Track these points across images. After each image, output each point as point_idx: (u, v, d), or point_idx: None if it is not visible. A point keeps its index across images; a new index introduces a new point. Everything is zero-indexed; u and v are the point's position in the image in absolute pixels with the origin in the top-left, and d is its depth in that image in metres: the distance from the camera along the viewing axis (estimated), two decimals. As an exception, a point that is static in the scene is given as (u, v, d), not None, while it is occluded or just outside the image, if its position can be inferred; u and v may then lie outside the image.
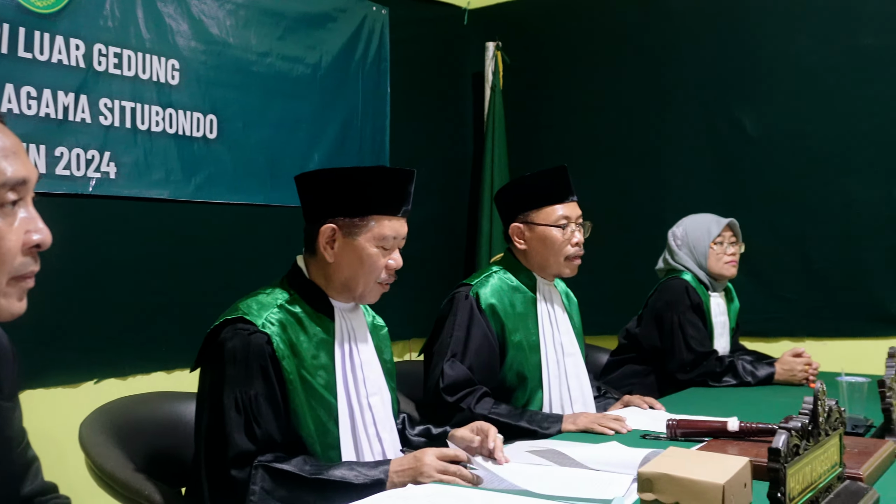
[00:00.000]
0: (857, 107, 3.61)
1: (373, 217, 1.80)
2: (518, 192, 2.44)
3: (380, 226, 1.80)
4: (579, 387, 2.44)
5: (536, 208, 2.40)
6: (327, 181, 1.82)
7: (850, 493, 1.46)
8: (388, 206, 1.82)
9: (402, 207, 1.84)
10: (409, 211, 1.87)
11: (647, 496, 1.36)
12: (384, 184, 1.82)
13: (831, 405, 1.44)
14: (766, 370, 2.91)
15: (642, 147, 4.12)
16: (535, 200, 2.40)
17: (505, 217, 2.48)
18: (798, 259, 3.74)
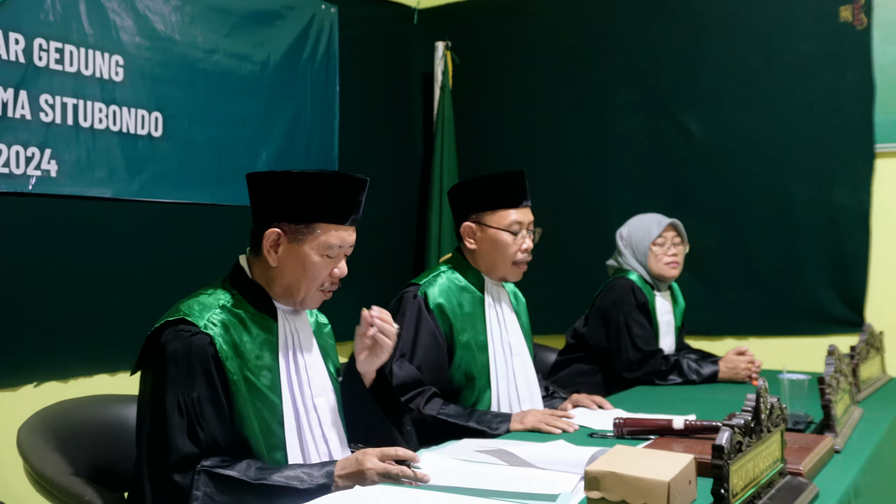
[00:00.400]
0: (796, 111, 3.69)
1: (319, 225, 1.77)
2: (474, 191, 2.44)
3: (326, 234, 1.78)
4: (527, 386, 2.45)
5: (491, 210, 2.40)
6: (276, 184, 1.78)
7: (791, 488, 1.49)
8: (336, 215, 1.79)
9: (351, 216, 1.81)
10: (358, 220, 1.84)
11: (594, 494, 1.37)
12: (334, 191, 1.78)
13: (773, 402, 1.47)
14: (710, 368, 2.96)
15: (590, 148, 4.15)
16: (490, 202, 2.40)
17: (458, 214, 2.48)
18: (741, 259, 3.81)
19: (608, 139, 4.11)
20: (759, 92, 3.77)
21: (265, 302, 1.81)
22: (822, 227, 3.65)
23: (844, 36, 3.59)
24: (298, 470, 1.65)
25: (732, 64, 3.83)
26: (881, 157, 3.56)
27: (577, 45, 4.21)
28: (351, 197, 1.81)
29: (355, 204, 1.82)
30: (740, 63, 3.82)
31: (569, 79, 4.22)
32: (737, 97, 3.82)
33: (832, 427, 1.93)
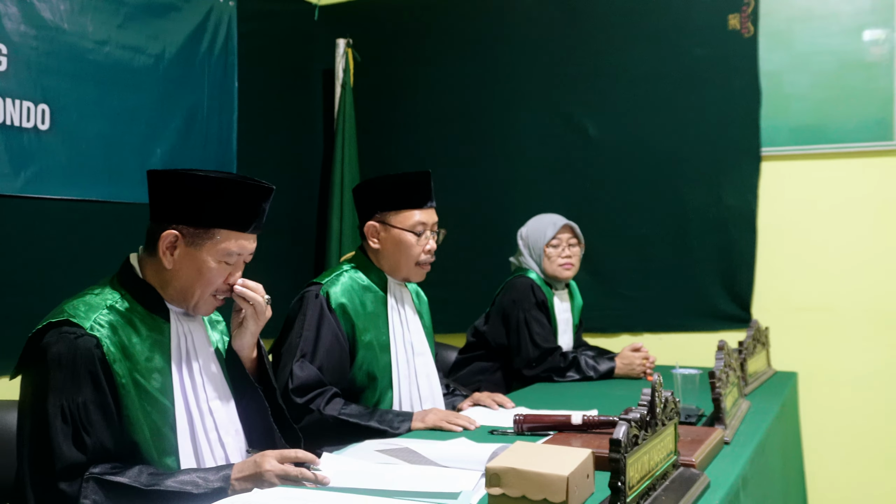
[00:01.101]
0: (688, 114, 3.82)
1: (219, 231, 1.72)
2: (379, 190, 2.42)
3: (226, 241, 1.73)
4: (429, 386, 2.45)
5: (395, 210, 2.39)
6: (179, 184, 1.71)
7: (684, 479, 1.53)
8: (238, 222, 1.73)
9: (253, 224, 1.76)
10: (260, 228, 1.79)
11: (495, 490, 1.38)
12: (237, 197, 1.73)
13: (667, 396, 1.51)
14: (607, 365, 3.03)
15: (490, 147, 4.19)
16: (395, 202, 2.39)
17: (362, 213, 2.46)
18: (636, 258, 3.91)
19: (509, 140, 4.16)
20: (653, 95, 3.88)
21: (157, 303, 1.75)
22: (712, 228, 3.78)
23: (733, 43, 3.74)
24: (193, 474, 1.60)
25: (628, 67, 3.93)
26: (766, 160, 3.72)
27: (477, 46, 4.24)
28: (254, 205, 1.76)
29: (259, 212, 1.77)
30: (635, 67, 3.92)
31: (470, 79, 4.25)
32: (632, 100, 3.92)
33: (722, 419, 2.00)
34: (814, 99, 3.64)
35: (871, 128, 3.56)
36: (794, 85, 3.67)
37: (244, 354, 1.87)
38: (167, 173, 1.74)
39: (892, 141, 3.53)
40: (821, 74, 3.63)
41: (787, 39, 3.68)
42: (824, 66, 3.62)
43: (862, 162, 3.60)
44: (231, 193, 1.72)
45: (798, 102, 3.66)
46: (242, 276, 1.81)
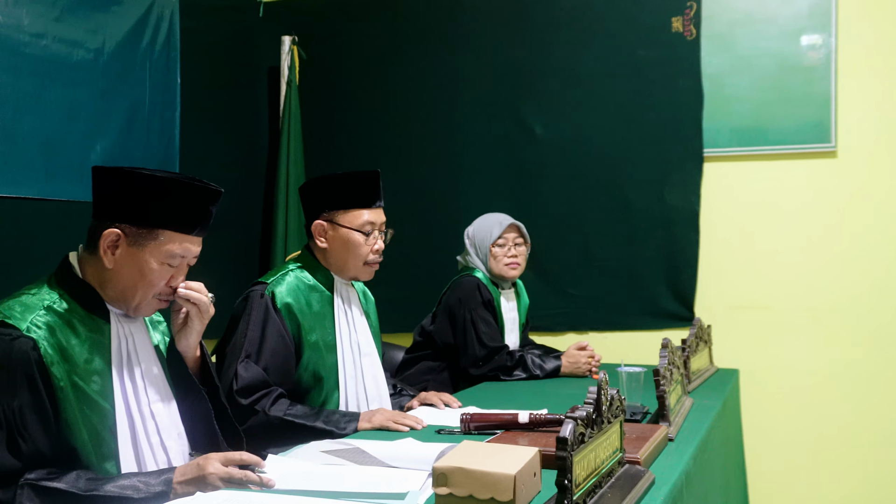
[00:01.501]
0: (633, 115, 3.86)
1: (163, 232, 1.68)
2: (327, 189, 2.40)
3: (170, 242, 1.69)
4: (376, 386, 2.44)
5: (343, 209, 2.37)
6: (123, 182, 1.67)
7: (630, 476, 1.54)
8: (184, 224, 1.70)
9: (199, 227, 1.72)
10: (206, 231, 1.75)
11: (442, 490, 1.38)
12: (184, 199, 1.69)
13: (613, 394, 1.52)
14: (553, 363, 3.05)
15: (438, 146, 4.19)
16: (344, 201, 2.37)
17: (309, 212, 2.43)
18: (582, 257, 3.95)
19: (457, 139, 4.16)
20: (599, 95, 3.92)
21: (96, 303, 1.70)
22: (657, 227, 3.83)
23: (676, 45, 3.79)
24: (134, 479, 1.56)
25: (574, 68, 3.96)
26: (709, 160, 3.78)
27: (425, 44, 4.24)
28: (202, 207, 1.72)
29: (206, 214, 1.73)
30: (582, 67, 3.95)
31: (417, 78, 4.24)
32: (578, 100, 3.95)
33: (666, 417, 2.02)
34: (754, 101, 3.71)
35: (809, 130, 3.65)
36: (735, 87, 3.74)
37: (188, 355, 1.84)
38: (113, 170, 1.70)
39: (830, 143, 3.61)
40: (761, 77, 3.70)
41: (728, 42, 3.75)
42: (764, 69, 3.70)
43: (801, 163, 3.68)
44: (178, 194, 1.68)
45: (739, 104, 3.73)
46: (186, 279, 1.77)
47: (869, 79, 3.58)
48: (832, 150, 3.62)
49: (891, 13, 3.54)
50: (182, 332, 1.81)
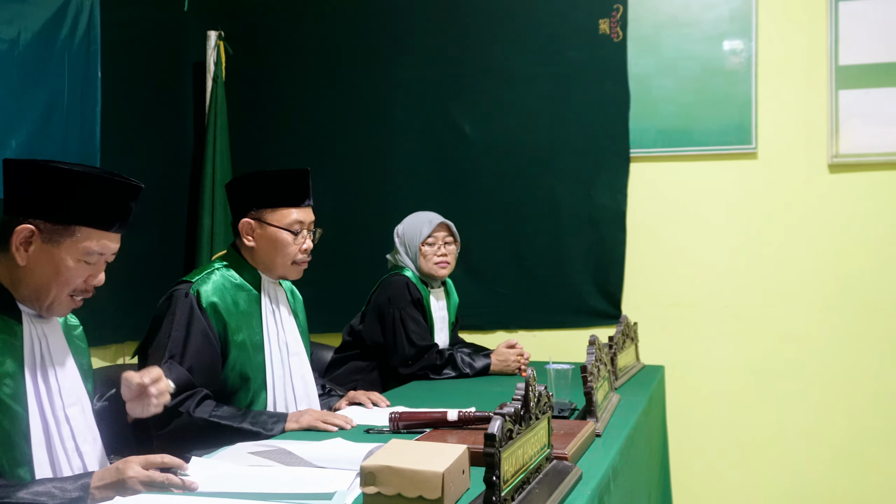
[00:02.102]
0: (562, 115, 3.90)
1: (80, 228, 1.62)
2: (255, 187, 2.36)
3: (87, 239, 1.63)
4: (304, 386, 2.41)
5: (272, 208, 2.34)
6: (37, 176, 1.60)
7: (557, 472, 1.55)
8: (101, 220, 1.64)
9: (117, 223, 1.67)
10: (125, 228, 1.70)
11: (370, 489, 1.36)
12: (102, 194, 1.63)
13: (541, 391, 1.52)
14: (482, 361, 3.06)
15: (367, 144, 4.16)
16: (272, 200, 2.34)
17: (236, 210, 2.39)
18: (511, 256, 3.97)
19: (387, 137, 4.14)
20: (529, 96, 3.95)
21: (8, 303, 1.63)
22: (585, 226, 3.88)
23: (603, 47, 3.84)
24: (49, 485, 1.50)
25: (505, 68, 3.98)
26: (635, 161, 3.84)
27: (353, 41, 4.21)
28: (121, 203, 1.67)
29: (124, 211, 1.68)
30: (512, 67, 3.97)
31: (347, 75, 4.20)
32: (508, 100, 3.97)
33: (594, 413, 2.04)
34: (679, 103, 3.79)
35: (731, 131, 3.74)
36: (660, 89, 3.81)
37: None
38: (25, 163, 1.63)
39: (751, 144, 3.71)
40: (686, 79, 3.78)
41: (654, 45, 3.82)
42: (689, 71, 3.78)
43: (723, 164, 3.77)
44: (96, 189, 1.62)
45: (664, 106, 3.80)
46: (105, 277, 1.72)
47: (787, 82, 3.68)
48: (753, 151, 3.72)
49: (808, 19, 3.66)
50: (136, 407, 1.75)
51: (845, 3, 3.60)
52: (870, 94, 3.58)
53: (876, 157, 3.58)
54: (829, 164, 3.64)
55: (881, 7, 3.56)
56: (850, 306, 3.62)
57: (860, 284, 3.61)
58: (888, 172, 3.58)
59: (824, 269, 3.65)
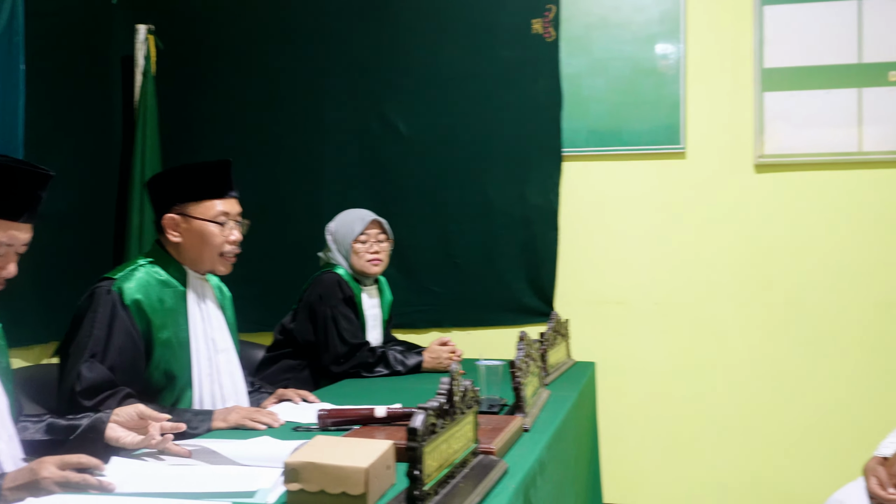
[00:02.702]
0: (495, 114, 3.93)
1: None
2: (176, 181, 2.32)
3: None
4: (232, 384, 2.37)
5: (195, 201, 2.29)
6: None
7: (483, 466, 1.56)
8: (8, 210, 1.60)
9: (26, 213, 1.63)
10: (35, 217, 1.65)
11: (293, 486, 1.35)
12: (8, 183, 1.59)
13: (466, 385, 1.53)
14: (415, 359, 3.05)
15: (299, 142, 4.13)
16: (194, 193, 2.29)
17: (157, 206, 2.34)
18: (444, 254, 3.99)
19: (319, 135, 4.11)
20: (462, 95, 3.97)
21: None
22: (517, 225, 3.91)
23: (536, 47, 3.88)
24: (-43, 486, 1.46)
25: (439, 66, 3.99)
26: (567, 160, 3.89)
27: (286, 37, 4.17)
28: (29, 192, 1.62)
29: (33, 200, 1.63)
30: (446, 65, 3.98)
31: (278, 71, 4.17)
32: (442, 98, 3.99)
33: (522, 408, 2.06)
34: (610, 103, 3.85)
35: (660, 132, 3.81)
36: (592, 89, 3.86)
37: None
38: None
39: (680, 144, 3.78)
40: (616, 80, 3.84)
41: (585, 45, 3.87)
42: (619, 72, 3.84)
43: (652, 164, 3.84)
44: (2, 178, 1.58)
45: (596, 106, 3.86)
46: (18, 267, 1.67)
47: (715, 84, 3.77)
48: (681, 151, 3.79)
49: (734, 23, 3.75)
50: None
51: (769, 7, 3.70)
52: (793, 96, 3.69)
53: (799, 158, 3.69)
54: (754, 164, 3.73)
55: (803, 12, 3.67)
56: (774, 303, 3.72)
57: (784, 282, 3.71)
58: (810, 173, 3.69)
59: (749, 266, 3.75)
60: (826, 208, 3.68)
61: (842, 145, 3.64)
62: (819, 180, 3.68)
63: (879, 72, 3.61)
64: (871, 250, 3.64)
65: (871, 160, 3.62)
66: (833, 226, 3.67)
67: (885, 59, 3.60)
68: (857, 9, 3.63)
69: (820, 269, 3.68)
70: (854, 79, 3.63)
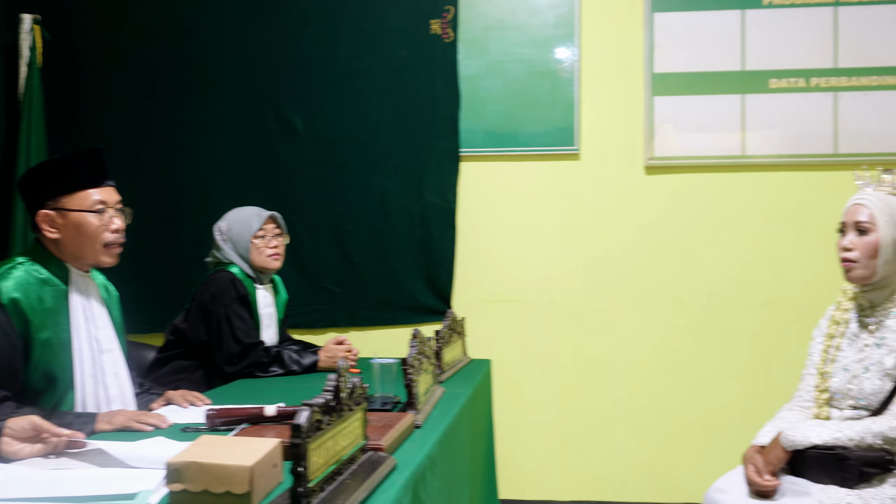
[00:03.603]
0: (394, 113, 3.94)
1: None
2: (46, 176, 2.22)
3: None
4: (118, 385, 2.30)
5: (68, 193, 2.20)
6: None
7: (371, 462, 1.57)
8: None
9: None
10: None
11: (176, 487, 1.33)
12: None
13: (355, 382, 1.53)
14: (310, 358, 3.03)
15: (191, 138, 4.05)
16: (67, 185, 2.19)
17: (30, 204, 2.23)
18: (341, 254, 3.97)
19: (211, 131, 4.04)
20: (361, 93, 3.96)
21: None
22: (415, 224, 3.93)
23: (434, 47, 3.91)
24: None
25: (337, 64, 3.98)
26: (465, 160, 3.93)
27: (178, 30, 4.08)
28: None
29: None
30: (345, 64, 3.97)
31: (169, 64, 4.07)
32: (340, 96, 3.97)
33: (414, 405, 2.07)
34: (507, 104, 3.91)
35: (556, 134, 3.89)
36: (489, 90, 3.91)
37: None
38: None
39: (574, 146, 3.87)
40: (513, 82, 3.90)
41: (483, 47, 3.92)
42: (516, 74, 3.90)
43: (548, 164, 3.92)
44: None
45: (493, 107, 3.91)
46: None
47: (608, 87, 3.87)
48: (576, 152, 3.88)
49: (626, 28, 3.86)
50: None
51: (660, 15, 3.82)
52: (681, 100, 3.82)
53: (686, 161, 3.83)
54: (644, 165, 3.85)
55: (691, 20, 3.81)
56: (663, 300, 3.85)
57: (672, 280, 3.85)
58: (697, 175, 3.83)
59: (640, 265, 3.87)
60: (712, 209, 3.83)
61: (726, 149, 3.80)
62: (705, 182, 3.83)
63: (761, 79, 3.78)
64: (754, 250, 3.81)
65: (753, 163, 3.78)
66: (718, 226, 3.83)
67: (766, 68, 3.77)
68: (740, 18, 3.79)
69: (706, 267, 3.83)
70: (737, 85, 3.79)
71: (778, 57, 3.77)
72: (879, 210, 2.20)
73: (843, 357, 2.28)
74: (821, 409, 2.29)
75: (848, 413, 2.23)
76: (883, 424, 2.10)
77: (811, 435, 2.15)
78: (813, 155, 3.75)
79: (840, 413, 2.25)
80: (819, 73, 3.75)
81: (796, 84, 3.76)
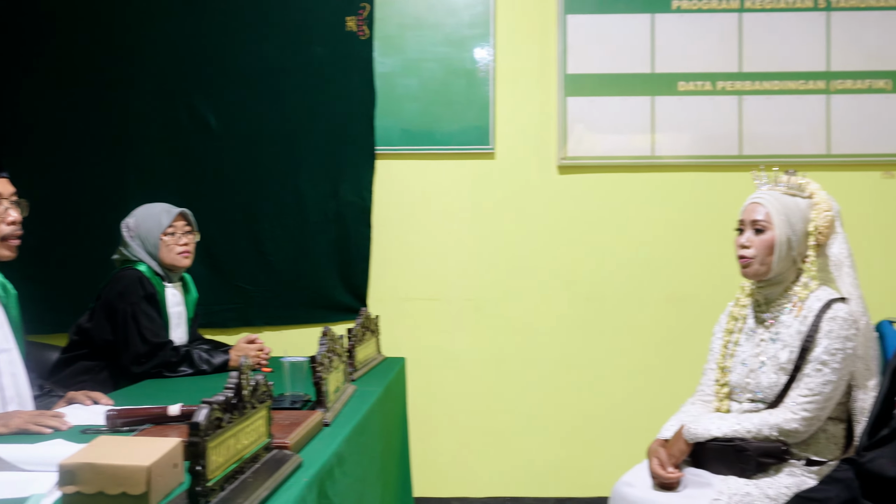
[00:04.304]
0: (309, 110, 3.91)
1: None
2: None
3: None
4: (14, 386, 2.23)
5: None
6: None
7: (276, 460, 1.55)
8: None
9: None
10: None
11: (69, 489, 1.30)
12: None
13: (258, 380, 1.52)
14: (221, 357, 2.98)
15: (103, 134, 3.93)
16: None
17: None
18: (255, 252, 3.92)
19: (124, 127, 3.93)
20: (276, 89, 3.91)
21: None
22: (331, 222, 3.91)
23: (350, 44, 3.89)
24: None
25: (251, 60, 3.92)
26: (381, 158, 3.93)
27: (91, 21, 3.95)
28: None
29: None
30: (259, 60, 3.92)
31: (84, 59, 3.95)
32: (255, 93, 3.92)
33: (323, 403, 2.06)
34: (423, 102, 3.92)
35: (471, 132, 3.92)
36: (405, 88, 3.92)
37: None
38: None
39: (489, 145, 3.91)
40: (429, 80, 3.92)
41: (399, 45, 3.92)
42: (432, 72, 3.92)
43: (464, 163, 3.94)
44: None
45: (409, 105, 3.92)
46: None
47: (523, 87, 3.92)
48: (491, 151, 3.92)
49: (540, 29, 3.92)
50: None
51: (573, 17, 3.89)
52: (593, 101, 3.90)
53: (598, 160, 3.90)
54: (557, 165, 3.91)
55: (603, 22, 3.89)
56: (576, 298, 3.92)
57: (584, 278, 3.92)
58: (608, 174, 3.91)
59: (554, 263, 3.93)
60: (622, 208, 3.92)
61: (636, 149, 3.89)
62: (616, 182, 3.91)
63: (670, 82, 3.88)
64: (662, 248, 3.91)
65: (662, 164, 3.88)
66: (628, 225, 3.92)
67: (674, 70, 3.88)
68: (650, 22, 3.88)
69: (616, 265, 3.91)
70: (647, 87, 3.88)
71: (686, 60, 3.88)
72: (775, 209, 2.29)
73: (742, 352, 2.36)
74: (721, 402, 2.37)
75: (746, 406, 2.31)
76: (778, 417, 2.18)
77: (711, 428, 2.22)
78: (719, 156, 3.87)
79: (739, 406, 2.33)
80: (725, 76, 3.87)
81: (703, 87, 3.87)
